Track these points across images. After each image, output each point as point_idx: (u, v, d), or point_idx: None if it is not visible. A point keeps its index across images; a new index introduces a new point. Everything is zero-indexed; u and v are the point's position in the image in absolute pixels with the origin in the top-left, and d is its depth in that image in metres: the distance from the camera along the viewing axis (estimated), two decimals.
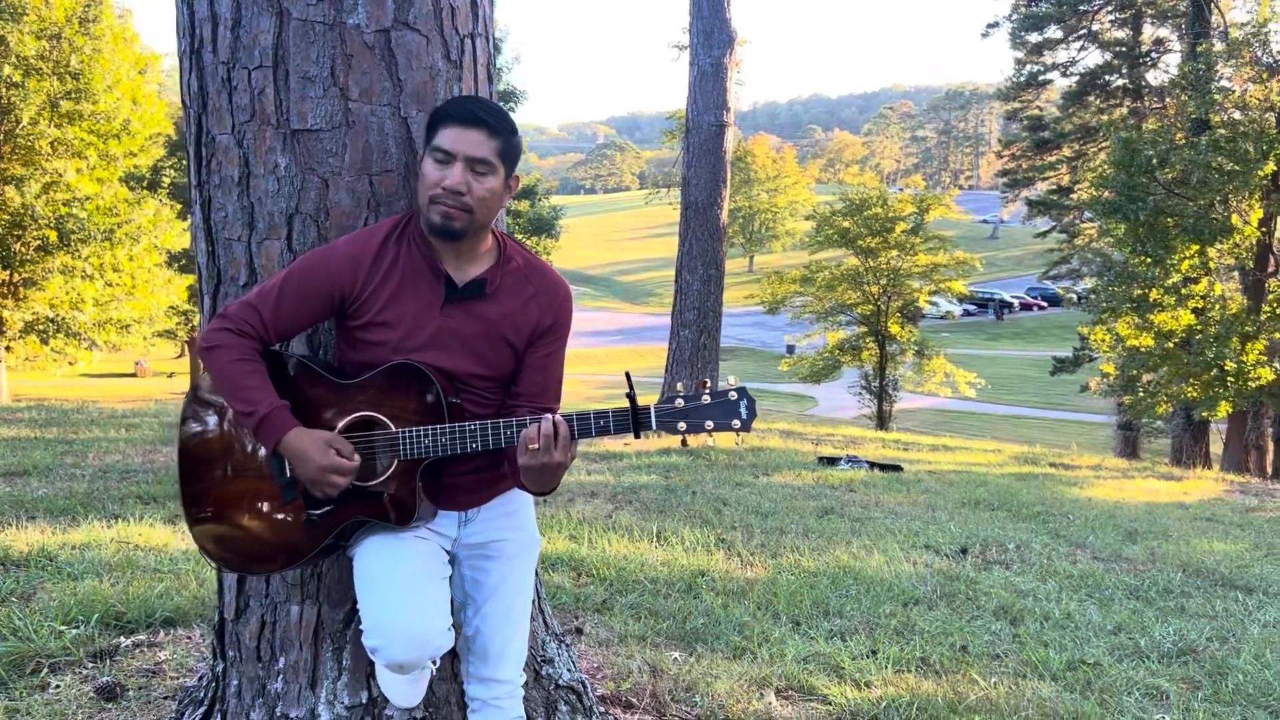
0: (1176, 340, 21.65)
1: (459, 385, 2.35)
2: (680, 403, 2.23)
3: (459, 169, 2.21)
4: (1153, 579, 6.06)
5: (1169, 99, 28.63)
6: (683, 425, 2.22)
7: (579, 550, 5.73)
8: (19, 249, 21.84)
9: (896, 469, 10.64)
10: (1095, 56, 34.06)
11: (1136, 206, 21.00)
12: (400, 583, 2.27)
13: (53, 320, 23.17)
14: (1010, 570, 6.11)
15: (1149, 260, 21.39)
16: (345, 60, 2.46)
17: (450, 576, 2.46)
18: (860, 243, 29.05)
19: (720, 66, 13.14)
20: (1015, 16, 34.51)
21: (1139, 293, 21.73)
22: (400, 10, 2.49)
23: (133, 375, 43.50)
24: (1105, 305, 23.12)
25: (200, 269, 2.72)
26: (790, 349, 40.57)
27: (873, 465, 10.80)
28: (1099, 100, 33.69)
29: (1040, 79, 36.31)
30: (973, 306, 61.22)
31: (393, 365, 2.29)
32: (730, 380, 2.27)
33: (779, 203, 77.20)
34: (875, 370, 30.33)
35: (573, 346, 2.70)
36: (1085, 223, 33.14)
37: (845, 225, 29.40)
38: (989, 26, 36.55)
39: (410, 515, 2.28)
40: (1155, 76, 32.62)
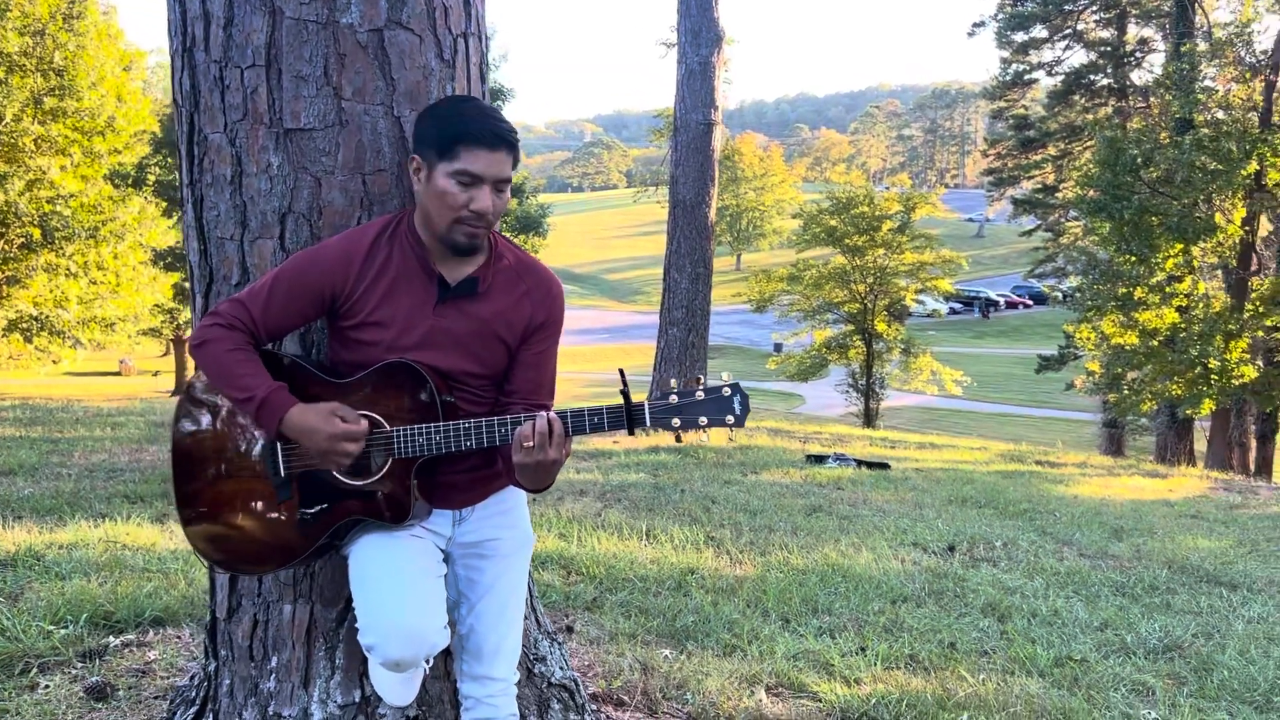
0: (1161, 338, 21.79)
1: (453, 384, 2.35)
2: (674, 399, 2.23)
3: (488, 192, 2.21)
4: (1139, 576, 6.10)
5: (1153, 98, 28.80)
6: (677, 421, 2.22)
7: (568, 548, 5.74)
8: (2, 247, 21.68)
9: (884, 467, 10.67)
10: (1080, 56, 34.27)
11: (1121, 205, 21.13)
12: (396, 581, 2.27)
13: (36, 318, 23.01)
14: (998, 567, 6.14)
15: (1134, 259, 21.52)
16: (338, 59, 2.46)
17: (444, 575, 2.46)
18: (847, 241, 29.13)
19: (708, 65, 13.15)
20: (1001, 16, 34.67)
21: (1124, 291, 21.86)
22: (393, 9, 2.49)
23: (117, 374, 43.27)
24: (1090, 303, 23.25)
25: (192, 268, 2.71)
26: (778, 347, 40.67)
27: (860, 463, 10.83)
28: (1084, 99, 33.88)
29: (1026, 78, 36.49)
30: (959, 305, 61.41)
31: (387, 364, 2.28)
32: (724, 376, 2.26)
33: (766, 201, 77.30)
34: (862, 368, 30.41)
35: (560, 344, 2.67)
36: (1070, 221, 33.33)
37: (832, 224, 29.48)
38: (975, 26, 36.71)
39: (405, 514, 2.29)
40: (1140, 76, 32.83)
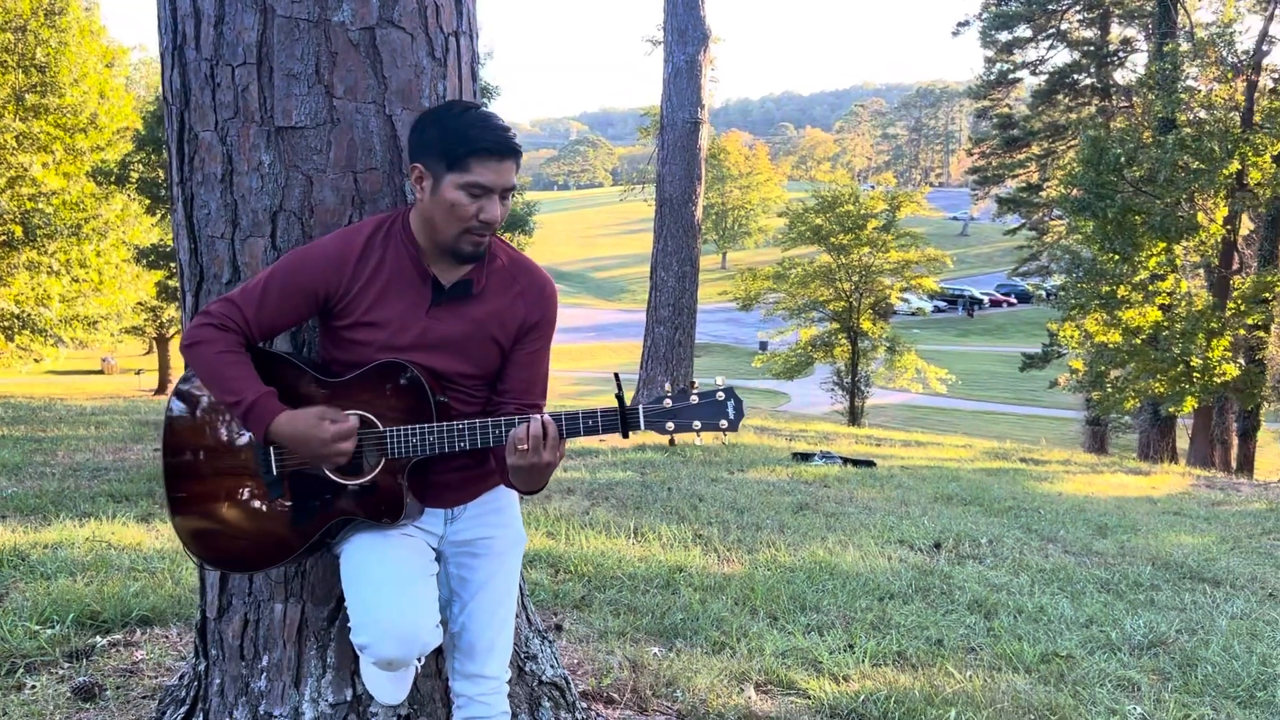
0: (1144, 336, 21.94)
1: (446, 384, 2.35)
2: (668, 403, 2.23)
3: (496, 201, 2.22)
4: (1123, 572, 6.14)
5: (1136, 98, 28.99)
6: (671, 425, 2.22)
7: (557, 547, 5.74)
8: None
9: (869, 464, 10.71)
10: (1064, 55, 34.49)
11: (1105, 204, 21.26)
12: (388, 580, 2.27)
13: (18, 316, 22.86)
14: (983, 564, 6.17)
15: (1117, 257, 21.66)
16: (330, 57, 2.46)
17: (436, 574, 2.46)
18: (832, 240, 29.19)
19: (695, 63, 13.16)
20: (985, 15, 34.84)
21: (1107, 289, 22.00)
22: (385, 8, 2.49)
23: (99, 372, 42.99)
24: (1074, 302, 23.39)
25: (182, 267, 2.70)
26: (763, 345, 40.77)
27: (846, 461, 10.87)
28: (1068, 99, 34.09)
29: (1010, 77, 36.68)
30: (943, 303, 61.62)
31: (380, 364, 2.28)
32: (718, 380, 2.27)
33: (751, 200, 77.37)
34: (847, 367, 30.49)
35: None
36: (1054, 220, 33.53)
37: (818, 222, 29.54)
38: (959, 25, 36.89)
39: (398, 513, 2.29)
40: (1123, 76, 33.05)
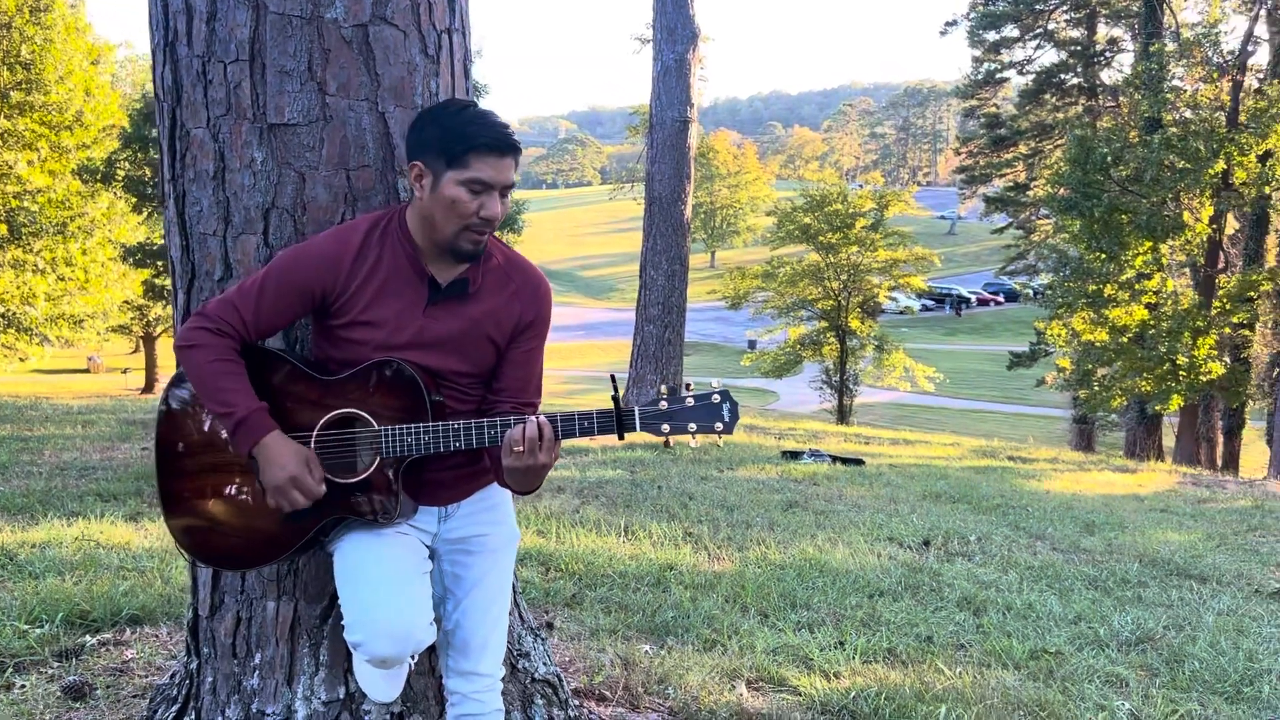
0: (1130, 335, 22.06)
1: (441, 382, 2.35)
2: (664, 404, 2.24)
3: (496, 198, 2.22)
4: (1110, 569, 6.18)
5: (1123, 98, 29.16)
6: (666, 427, 2.23)
7: (547, 545, 5.74)
8: None
9: (858, 463, 10.74)
10: (1051, 55, 34.64)
11: (1091, 203, 21.37)
12: (383, 578, 2.27)
13: (3, 315, 22.72)
14: (972, 562, 6.20)
15: (1104, 256, 21.78)
16: (323, 54, 2.45)
17: (430, 571, 2.46)
18: (821, 239, 29.26)
19: (684, 62, 13.17)
20: (973, 15, 34.96)
21: (1094, 288, 22.11)
22: (378, 5, 2.49)
23: (85, 371, 42.76)
24: (1061, 300, 23.50)
25: (174, 264, 2.69)
26: (752, 344, 40.82)
27: (835, 459, 10.89)
28: (1055, 98, 34.23)
29: (997, 77, 36.81)
30: (931, 302, 61.75)
31: (375, 362, 2.28)
32: (714, 383, 2.28)
33: (740, 198, 77.37)
34: (836, 365, 30.57)
35: None
36: (1041, 219, 33.67)
37: (806, 221, 29.61)
38: (947, 24, 36.99)
39: (391, 512, 2.29)
40: (1109, 75, 33.23)
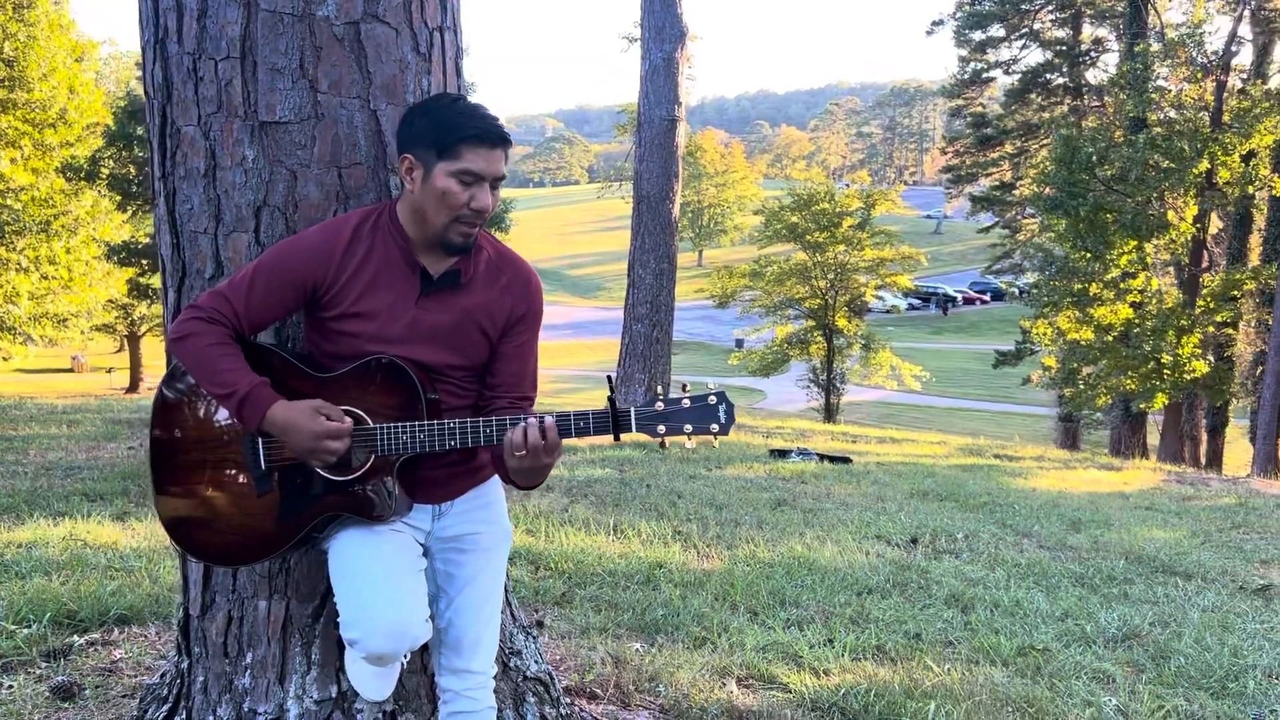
0: (1115, 334, 22.20)
1: (436, 376, 2.35)
2: (660, 405, 2.24)
3: (487, 190, 2.23)
4: (1097, 566, 6.22)
5: (1108, 97, 29.31)
6: (662, 428, 2.24)
7: (536, 544, 5.74)
8: None
9: (846, 461, 10.77)
10: (1037, 55, 34.81)
11: (1077, 203, 21.49)
12: (379, 575, 2.27)
13: None
14: (960, 559, 6.23)
15: (1089, 255, 21.91)
16: (314, 52, 2.45)
17: (424, 569, 2.46)
18: (808, 238, 29.35)
19: (672, 61, 13.18)
20: (959, 14, 35.11)
21: (1079, 287, 22.24)
22: (370, 3, 2.48)
23: (69, 370, 42.50)
24: (1046, 299, 23.62)
25: (164, 262, 2.68)
26: (739, 343, 40.90)
27: (823, 457, 10.92)
28: (1040, 98, 34.40)
29: (983, 76, 36.97)
30: (917, 301, 61.94)
31: (371, 360, 2.28)
32: (710, 385, 2.29)
33: (727, 197, 77.36)
34: (823, 364, 30.66)
35: None
36: (1027, 218, 33.84)
37: (793, 220, 29.69)
38: (933, 24, 37.12)
39: (387, 510, 2.28)
40: (1094, 75, 33.42)
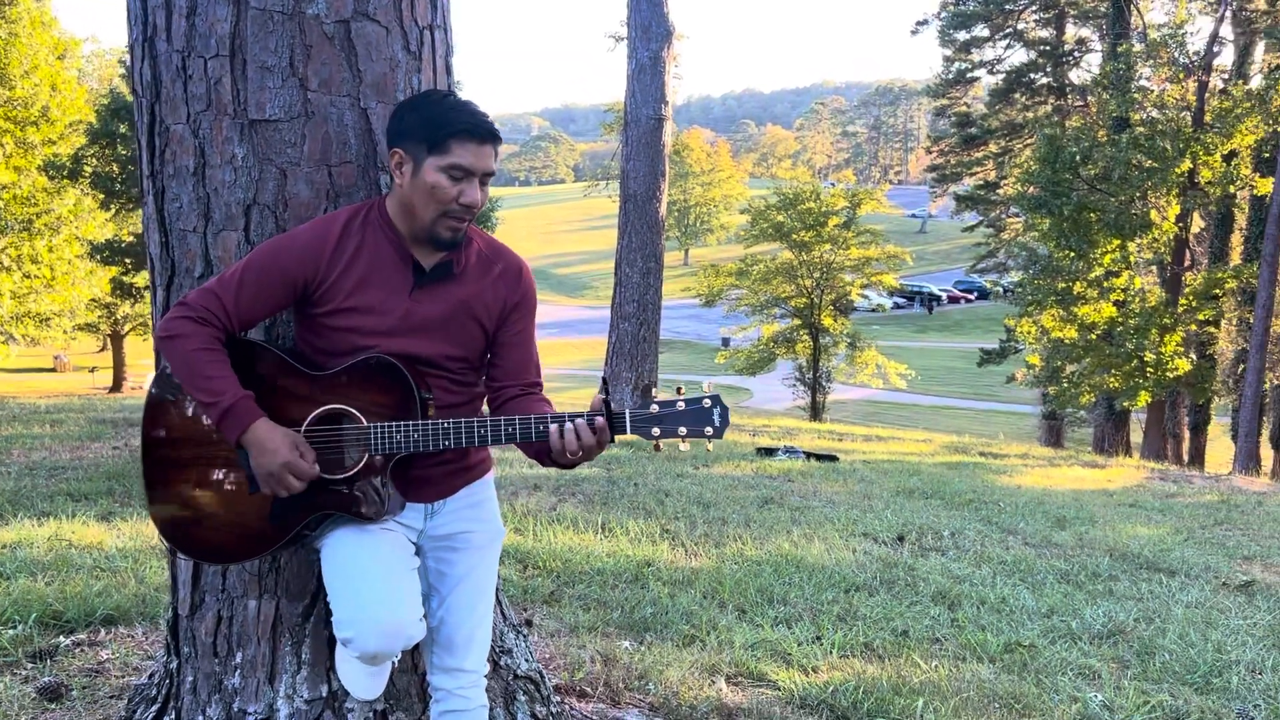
0: (1099, 332, 22.33)
1: (432, 369, 2.35)
2: (655, 408, 2.25)
3: (476, 185, 2.24)
4: (1082, 563, 6.26)
5: (1091, 97, 29.49)
6: (657, 431, 2.24)
7: (525, 543, 5.74)
8: None
9: (832, 459, 10.80)
10: (1021, 55, 35.00)
11: (1060, 202, 21.61)
12: (373, 573, 2.27)
13: None
14: (946, 556, 6.25)
15: (1072, 254, 22.03)
16: (304, 50, 2.45)
17: (417, 568, 2.46)
18: (794, 237, 29.41)
19: (658, 60, 13.18)
20: (944, 14, 35.25)
21: (1063, 286, 22.36)
22: (360, 1, 2.48)
23: (51, 370, 42.22)
24: (1030, 298, 23.74)
25: (153, 261, 2.67)
26: (725, 342, 40.92)
27: (809, 455, 10.95)
28: (1024, 98, 34.59)
29: (968, 76, 37.15)
30: (902, 299, 62.10)
31: (364, 359, 2.27)
32: (705, 387, 2.29)
33: (713, 196, 77.47)
34: (809, 362, 30.73)
35: None
36: (1011, 217, 34.03)
37: (779, 219, 29.75)
38: (918, 24, 37.26)
39: (379, 509, 2.28)
40: (1078, 75, 33.63)
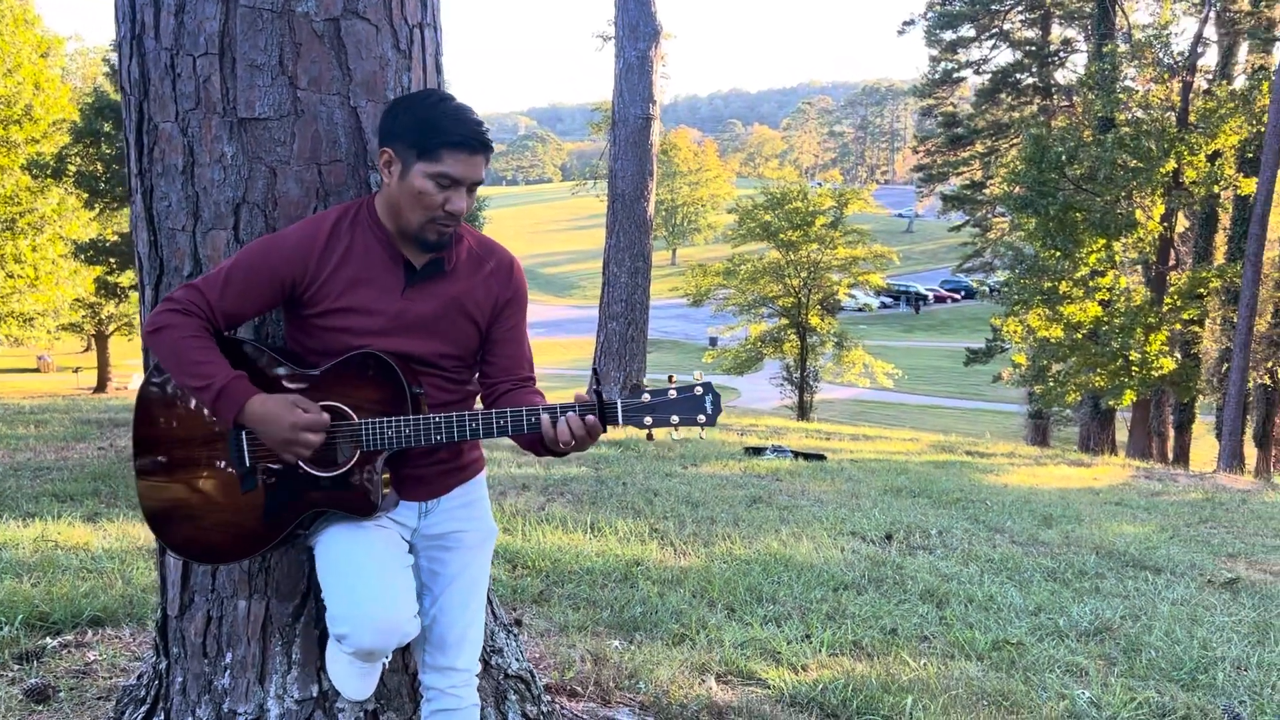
0: (1084, 331, 22.44)
1: (425, 367, 2.34)
2: (647, 397, 2.24)
3: (463, 193, 2.25)
4: (1068, 561, 6.29)
5: (1077, 97, 29.63)
6: (649, 420, 2.24)
7: (514, 542, 5.73)
8: None
9: (820, 458, 10.82)
10: (1006, 55, 35.14)
11: (1046, 202, 21.71)
12: (368, 570, 2.26)
13: None
14: (934, 555, 6.28)
15: (1058, 254, 22.13)
16: (294, 48, 2.43)
17: (410, 566, 2.45)
18: (781, 236, 29.46)
19: (646, 60, 13.19)
20: (930, 15, 35.36)
21: (1049, 285, 22.46)
22: None
23: (35, 370, 41.97)
24: (1017, 297, 23.85)
25: (141, 259, 2.65)
26: (713, 341, 40.93)
27: (797, 454, 10.97)
28: (1010, 98, 34.72)
29: (954, 76, 37.27)
30: (889, 299, 62.25)
31: (355, 355, 2.26)
32: (696, 375, 2.29)
33: (701, 196, 77.50)
34: (796, 362, 30.78)
35: None
36: (997, 217, 34.15)
37: (767, 219, 29.80)
38: (905, 24, 37.39)
39: (373, 506, 2.27)
40: (1064, 75, 33.78)
